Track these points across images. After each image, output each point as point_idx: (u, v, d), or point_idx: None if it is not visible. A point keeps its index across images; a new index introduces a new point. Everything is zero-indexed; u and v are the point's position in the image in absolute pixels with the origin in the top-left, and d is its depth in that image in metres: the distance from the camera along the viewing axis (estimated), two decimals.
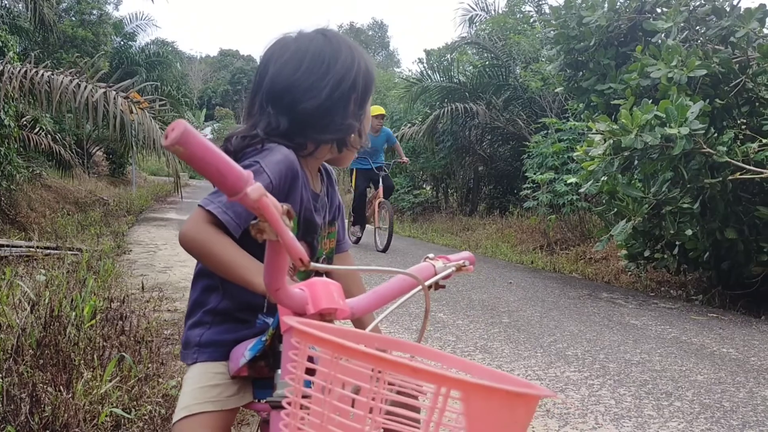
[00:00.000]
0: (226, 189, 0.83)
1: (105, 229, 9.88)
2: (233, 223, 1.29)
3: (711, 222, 6.44)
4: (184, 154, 0.78)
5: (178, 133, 0.77)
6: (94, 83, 8.93)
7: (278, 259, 0.94)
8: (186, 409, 1.36)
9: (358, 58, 1.42)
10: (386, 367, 0.74)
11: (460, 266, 1.31)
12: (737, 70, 6.26)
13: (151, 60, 21.44)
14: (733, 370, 4.33)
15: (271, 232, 0.88)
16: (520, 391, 0.71)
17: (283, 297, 1.00)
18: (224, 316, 1.42)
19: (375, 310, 1.20)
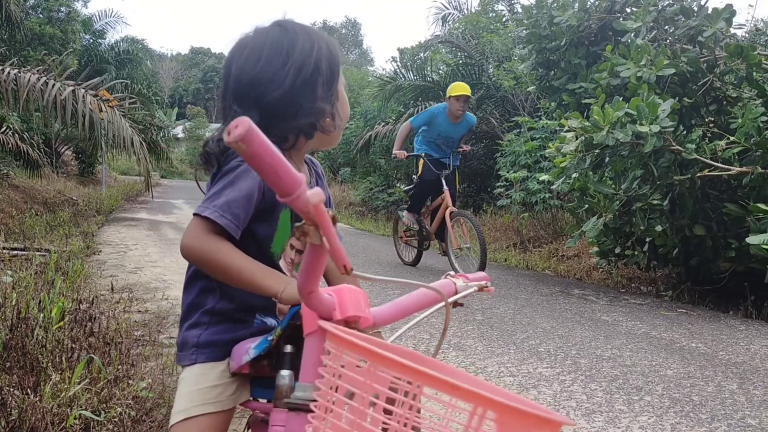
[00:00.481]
0: (280, 189, 0.84)
1: (74, 230, 9.73)
2: (233, 226, 1.28)
3: (680, 219, 6.54)
4: (246, 151, 0.79)
5: (243, 131, 0.77)
6: (62, 81, 8.79)
7: (317, 263, 0.95)
8: (184, 411, 1.35)
9: (317, 41, 1.41)
10: (425, 381, 0.75)
11: (483, 287, 1.35)
12: (705, 69, 6.36)
13: (120, 58, 21.18)
14: (702, 364, 4.40)
15: (315, 236, 0.89)
16: (548, 417, 0.75)
17: (314, 300, 1.01)
18: (222, 317, 1.40)
19: (395, 321, 1.21)
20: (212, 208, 1.28)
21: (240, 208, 1.30)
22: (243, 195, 1.30)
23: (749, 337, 5.25)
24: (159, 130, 17.46)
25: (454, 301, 1.25)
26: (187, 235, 1.30)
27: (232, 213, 1.28)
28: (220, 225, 1.27)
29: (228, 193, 1.30)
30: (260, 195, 1.33)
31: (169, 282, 6.44)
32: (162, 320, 4.85)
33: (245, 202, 1.31)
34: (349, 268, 0.93)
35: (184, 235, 1.30)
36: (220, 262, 1.27)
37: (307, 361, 1.05)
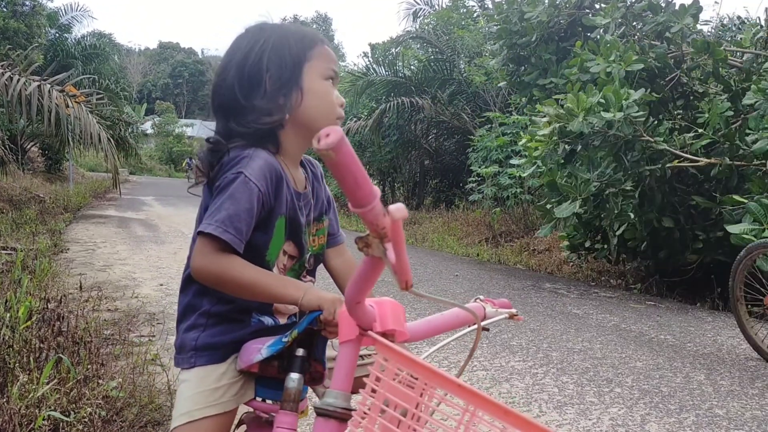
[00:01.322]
0: (356, 200, 0.83)
1: (41, 227, 9.55)
2: (237, 241, 1.27)
3: (648, 212, 6.64)
4: (333, 159, 0.79)
5: (335, 140, 0.77)
6: (27, 76, 8.60)
7: (372, 276, 0.95)
8: (187, 414, 1.33)
9: (262, 38, 1.38)
10: (479, 404, 0.76)
11: (513, 314, 1.38)
12: (672, 65, 6.46)
13: (87, 52, 20.81)
14: (671, 356, 4.48)
15: (378, 249, 0.89)
16: None
17: (359, 311, 1.01)
18: (219, 318, 1.39)
19: (427, 338, 1.23)
20: (215, 224, 1.26)
21: (242, 221, 1.28)
22: (244, 208, 1.28)
23: (716, 329, 5.35)
24: (127, 126, 17.20)
25: (484, 325, 1.27)
26: (196, 257, 1.29)
27: (235, 227, 1.27)
28: (224, 241, 1.26)
29: (228, 207, 1.28)
30: (260, 206, 1.31)
31: (138, 280, 6.36)
32: (132, 318, 4.79)
33: (246, 215, 1.29)
34: (410, 284, 0.93)
35: (193, 258, 1.29)
36: (234, 279, 1.27)
37: (340, 369, 1.04)
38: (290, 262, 1.43)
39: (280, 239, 1.39)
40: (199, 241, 1.29)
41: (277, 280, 1.32)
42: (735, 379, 4.00)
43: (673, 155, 6.09)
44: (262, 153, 1.34)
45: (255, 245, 1.34)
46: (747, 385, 3.89)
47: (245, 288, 1.28)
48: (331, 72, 1.40)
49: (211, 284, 1.31)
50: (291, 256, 1.42)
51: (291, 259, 1.43)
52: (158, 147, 42.54)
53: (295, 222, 1.41)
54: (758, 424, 3.26)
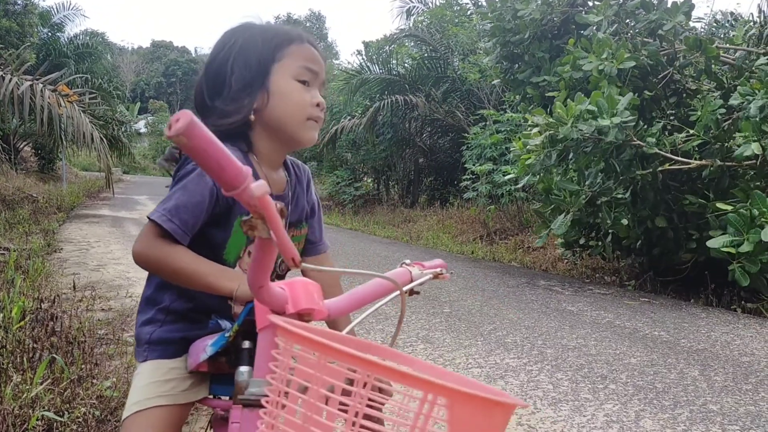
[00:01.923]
0: (225, 183, 0.81)
1: (34, 227, 9.52)
2: (179, 231, 1.26)
3: (642, 211, 6.66)
4: (187, 145, 0.76)
5: (184, 124, 0.75)
6: (19, 75, 8.57)
7: (266, 257, 0.93)
8: (137, 404, 1.33)
9: (233, 39, 1.37)
10: (376, 371, 0.74)
11: (438, 274, 1.32)
12: (665, 63, 6.47)
13: (80, 51, 20.71)
14: (665, 352, 4.49)
15: (263, 230, 0.87)
16: (500, 400, 0.74)
17: (265, 295, 0.98)
18: (178, 315, 1.39)
19: (351, 312, 1.19)
20: (161, 212, 1.27)
21: (188, 213, 1.28)
22: (193, 200, 1.28)
23: (710, 325, 5.37)
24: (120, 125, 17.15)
25: (409, 289, 1.24)
26: (138, 241, 1.28)
27: (180, 218, 1.26)
28: (166, 230, 1.25)
29: (179, 197, 1.28)
30: (213, 199, 1.30)
31: (132, 279, 6.34)
32: (126, 318, 4.78)
33: (194, 207, 1.28)
34: (297, 260, 0.91)
35: (135, 242, 1.28)
36: (170, 265, 1.26)
37: (260, 357, 1.03)
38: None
39: (241, 239, 1.37)
40: (145, 227, 1.29)
41: (216, 270, 1.28)
42: (729, 374, 4.02)
43: (664, 158, 6.10)
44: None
45: (212, 242, 1.34)
46: (741, 380, 3.90)
47: (181, 275, 1.26)
48: (305, 72, 1.35)
49: (148, 269, 1.30)
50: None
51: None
52: (152, 146, 42.42)
53: None
54: (752, 419, 3.28)
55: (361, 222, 14.35)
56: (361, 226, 13.60)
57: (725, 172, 6.11)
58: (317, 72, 1.37)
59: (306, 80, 1.35)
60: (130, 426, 1.33)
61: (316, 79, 1.37)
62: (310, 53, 1.38)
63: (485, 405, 0.73)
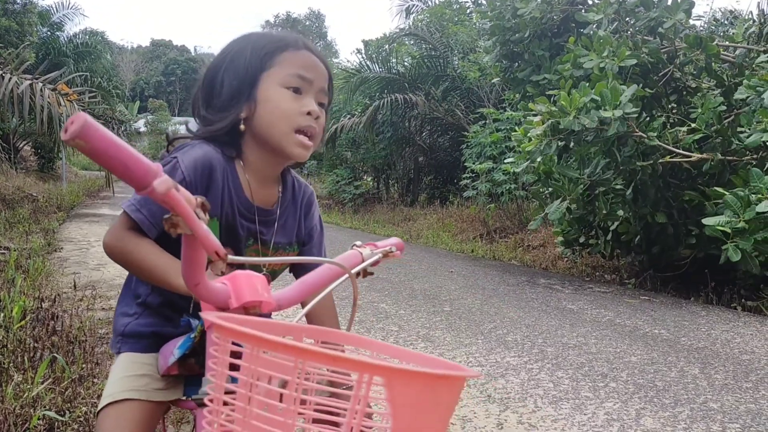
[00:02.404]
0: (134, 183, 0.79)
1: (34, 227, 9.51)
2: (147, 222, 1.26)
3: (642, 207, 6.66)
4: (86, 148, 0.73)
5: (78, 127, 0.72)
6: (19, 75, 8.57)
7: (194, 254, 0.90)
8: (110, 396, 1.33)
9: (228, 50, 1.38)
10: (306, 357, 0.72)
11: (387, 252, 1.29)
12: (666, 60, 6.47)
13: (79, 50, 20.69)
14: (665, 350, 4.49)
15: (185, 226, 0.85)
16: (441, 373, 0.71)
17: (203, 292, 0.96)
18: (151, 310, 1.39)
19: (302, 300, 1.17)
20: (131, 201, 1.27)
21: (157, 204, 1.27)
22: None
23: (710, 323, 5.37)
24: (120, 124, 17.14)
25: (361, 270, 1.22)
26: (108, 232, 1.28)
27: (149, 209, 1.26)
28: (134, 221, 1.26)
29: None
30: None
31: None
32: None
33: None
34: (222, 253, 0.89)
35: (107, 235, 1.28)
36: (134, 260, 1.26)
37: (208, 355, 1.01)
38: (229, 270, 1.41)
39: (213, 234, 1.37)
40: (118, 217, 1.29)
41: (176, 267, 1.24)
42: (729, 372, 4.02)
43: (665, 151, 6.11)
44: (207, 147, 1.33)
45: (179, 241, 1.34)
46: (741, 378, 3.91)
47: (144, 271, 1.26)
48: (295, 79, 1.31)
49: (116, 260, 1.30)
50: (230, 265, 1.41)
51: (230, 267, 1.41)
52: (151, 145, 42.36)
53: (233, 230, 1.37)
54: (752, 417, 3.28)
55: (360, 221, 14.35)
56: (360, 225, 13.60)
57: (726, 167, 6.11)
58: (311, 79, 1.33)
59: (297, 87, 1.32)
60: (103, 418, 1.33)
61: (311, 86, 1.33)
62: (305, 60, 1.34)
63: (427, 380, 0.71)
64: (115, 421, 1.31)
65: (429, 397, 0.71)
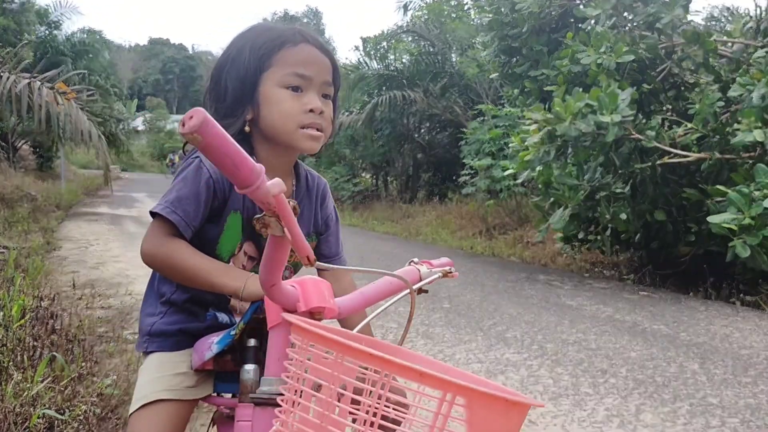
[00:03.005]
0: (238, 181, 0.82)
1: (33, 226, 9.50)
2: (183, 223, 1.27)
3: (641, 204, 6.66)
4: (201, 143, 0.77)
5: (197, 122, 0.75)
6: (17, 74, 8.55)
7: (279, 255, 0.93)
8: (143, 398, 1.33)
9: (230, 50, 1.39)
10: (393, 370, 0.74)
11: (447, 272, 1.32)
12: (663, 56, 6.46)
13: (77, 49, 20.66)
14: (665, 346, 4.50)
15: (276, 228, 0.87)
16: (517, 400, 0.75)
17: (276, 293, 0.99)
18: (176, 307, 1.39)
19: (361, 310, 1.20)
20: (164, 204, 1.27)
21: (191, 204, 1.28)
22: (192, 192, 1.29)
23: (709, 318, 5.38)
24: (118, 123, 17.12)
25: (418, 287, 1.24)
26: (145, 240, 1.29)
27: (183, 209, 1.27)
28: (172, 222, 1.26)
29: (180, 188, 1.29)
30: (210, 192, 1.30)
31: (132, 277, 6.34)
32: (126, 316, 4.78)
33: (195, 199, 1.29)
34: (312, 259, 0.92)
35: (143, 241, 1.29)
36: (178, 264, 1.26)
37: (271, 355, 1.04)
38: (250, 264, 1.41)
39: (235, 236, 1.37)
40: (151, 225, 1.29)
41: (220, 268, 1.29)
42: (728, 368, 4.02)
43: (663, 151, 6.10)
44: None
45: (205, 237, 1.34)
46: (740, 373, 3.91)
47: (187, 274, 1.27)
48: (293, 78, 1.31)
49: (156, 268, 1.31)
50: (251, 257, 1.41)
51: (251, 260, 1.42)
52: (150, 143, 42.35)
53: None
54: (752, 411, 3.28)
55: (359, 218, 14.35)
56: (360, 222, 13.60)
57: (724, 165, 6.10)
58: (310, 76, 1.32)
59: (297, 86, 1.31)
60: (136, 420, 1.33)
61: (311, 83, 1.32)
62: (302, 55, 1.33)
63: (503, 405, 0.74)
64: (148, 423, 1.32)
65: (502, 421, 0.75)
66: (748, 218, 5.17)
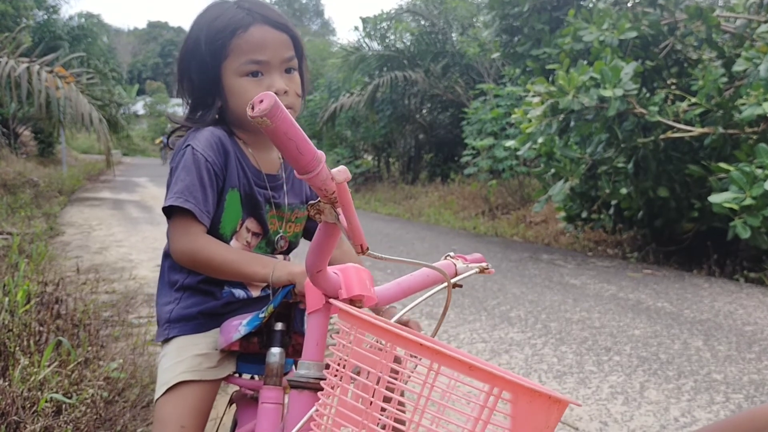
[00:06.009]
0: (300, 166, 0.82)
1: (36, 211, 9.51)
2: (198, 210, 1.29)
3: (644, 181, 6.64)
4: (270, 127, 0.77)
5: (268, 106, 0.76)
6: (15, 58, 8.51)
7: (329, 242, 0.94)
8: (166, 383, 1.35)
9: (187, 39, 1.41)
10: (443, 361, 0.75)
11: (483, 269, 1.33)
12: (666, 32, 6.41)
13: (75, 33, 20.56)
14: (668, 323, 4.51)
15: (330, 215, 0.88)
16: (559, 397, 0.76)
17: (321, 279, 1.00)
18: (191, 291, 1.41)
19: (398, 300, 1.21)
20: (174, 196, 1.29)
21: (198, 190, 1.30)
22: (197, 179, 1.31)
23: (713, 295, 5.38)
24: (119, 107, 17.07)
25: (455, 282, 1.25)
26: (173, 240, 1.31)
27: (194, 196, 1.29)
28: (189, 213, 1.28)
29: (184, 178, 1.30)
30: (212, 177, 1.32)
31: (135, 261, 6.35)
32: (130, 300, 4.79)
33: (200, 184, 1.31)
34: (365, 247, 0.92)
35: (171, 242, 1.32)
36: (207, 258, 1.29)
37: (310, 339, 1.05)
38: (255, 240, 1.43)
39: (236, 213, 1.39)
40: (171, 224, 1.32)
41: (247, 257, 1.32)
42: (732, 344, 4.03)
43: (666, 126, 6.07)
44: (209, 128, 1.37)
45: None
46: (744, 349, 3.92)
47: (218, 267, 1.30)
48: (250, 65, 1.34)
49: (187, 265, 1.34)
50: (255, 233, 1.43)
51: (255, 236, 1.43)
52: (150, 127, 42.24)
53: (253, 199, 1.41)
54: (755, 387, 3.29)
55: (362, 200, 14.34)
56: (362, 204, 13.59)
57: (727, 141, 6.07)
58: (266, 60, 1.34)
59: (255, 71, 1.34)
60: (162, 406, 1.34)
61: (269, 65, 1.35)
62: (255, 40, 1.34)
63: (546, 401, 0.76)
64: (174, 406, 1.33)
65: (544, 417, 0.76)
66: (749, 198, 5.15)
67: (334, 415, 0.83)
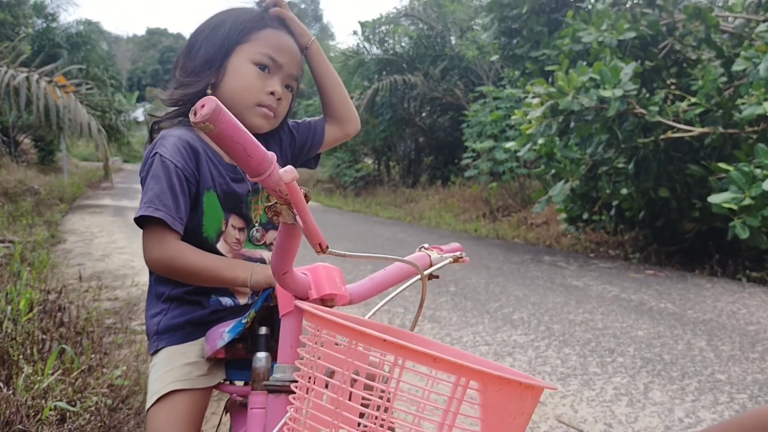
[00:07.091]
0: (251, 169, 0.82)
1: (37, 219, 9.52)
2: (169, 217, 1.27)
3: (645, 182, 6.64)
4: (213, 131, 0.77)
5: (209, 110, 0.76)
6: (15, 67, 8.52)
7: (291, 243, 0.94)
8: (156, 393, 1.34)
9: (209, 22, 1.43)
10: (407, 356, 0.75)
11: (457, 258, 1.32)
12: (665, 32, 6.41)
13: (74, 41, 20.56)
14: (671, 323, 4.50)
15: (288, 215, 0.87)
16: (530, 383, 0.75)
17: (288, 281, 0.99)
18: (178, 301, 1.41)
19: (372, 297, 1.20)
20: (143, 207, 1.28)
21: (168, 198, 1.29)
22: (167, 186, 1.29)
23: (715, 295, 5.38)
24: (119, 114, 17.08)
25: (429, 273, 1.24)
26: (146, 250, 1.30)
27: (164, 204, 1.27)
28: (160, 221, 1.26)
29: (153, 187, 1.29)
30: (182, 183, 1.31)
31: (137, 268, 6.35)
32: (133, 307, 4.79)
33: (171, 191, 1.29)
34: (324, 246, 0.91)
35: (144, 252, 1.30)
36: (183, 266, 1.29)
37: (284, 342, 1.04)
38: (243, 235, 1.43)
39: (217, 215, 1.38)
40: (144, 234, 1.31)
41: (224, 263, 1.32)
42: (735, 344, 4.03)
43: (666, 126, 6.07)
44: (175, 131, 1.37)
45: (188, 225, 1.34)
46: (747, 349, 3.92)
47: (195, 274, 1.30)
48: (265, 58, 1.37)
49: (163, 273, 1.33)
50: (241, 229, 1.43)
51: (242, 231, 1.43)
52: None
53: (231, 194, 1.40)
54: (759, 387, 3.29)
55: (362, 204, 14.33)
56: (362, 208, 13.59)
57: (727, 140, 6.07)
58: (281, 63, 1.39)
59: (266, 66, 1.38)
60: (153, 415, 1.34)
61: (280, 69, 1.39)
62: (281, 41, 1.40)
63: (517, 388, 0.74)
64: (165, 416, 1.33)
65: (516, 404, 0.75)
66: (748, 198, 5.15)
67: (308, 417, 0.82)
